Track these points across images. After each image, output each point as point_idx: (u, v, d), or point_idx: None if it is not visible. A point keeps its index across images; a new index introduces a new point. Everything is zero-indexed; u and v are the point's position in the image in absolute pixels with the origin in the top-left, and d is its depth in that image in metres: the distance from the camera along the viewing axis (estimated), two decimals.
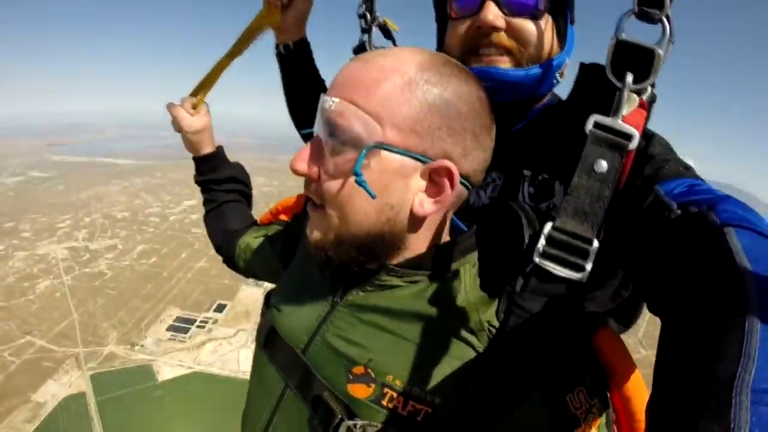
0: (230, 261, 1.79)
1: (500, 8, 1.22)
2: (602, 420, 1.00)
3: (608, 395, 1.03)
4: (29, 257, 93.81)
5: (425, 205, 0.96)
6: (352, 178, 0.91)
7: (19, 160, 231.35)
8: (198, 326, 69.30)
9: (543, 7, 1.24)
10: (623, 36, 1.01)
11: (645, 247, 0.96)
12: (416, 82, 0.91)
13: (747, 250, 0.69)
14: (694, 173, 1.08)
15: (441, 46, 1.41)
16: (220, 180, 1.84)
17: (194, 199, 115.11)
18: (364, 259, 1.02)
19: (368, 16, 1.76)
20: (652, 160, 1.11)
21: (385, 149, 0.90)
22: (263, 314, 1.28)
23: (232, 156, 1.94)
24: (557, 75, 1.33)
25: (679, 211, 0.89)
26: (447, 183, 0.95)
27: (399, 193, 0.94)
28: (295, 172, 0.97)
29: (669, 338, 0.71)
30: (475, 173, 1.01)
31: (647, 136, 1.16)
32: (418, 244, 1.03)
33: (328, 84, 1.79)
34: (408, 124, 0.90)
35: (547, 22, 1.27)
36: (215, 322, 70.15)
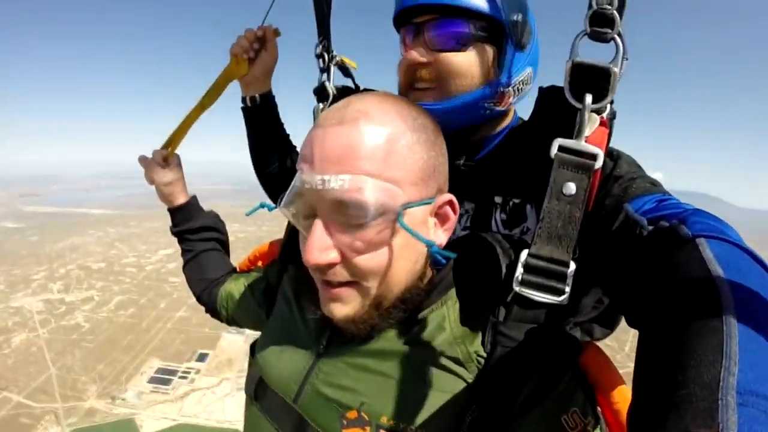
0: (213, 310, 1.76)
1: (426, 44, 1.27)
2: None
3: (599, 410, 1.03)
4: (3, 310, 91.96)
5: (440, 236, 0.99)
6: (396, 243, 0.92)
7: None
8: (180, 377, 68.54)
9: (467, 40, 1.26)
10: (578, 58, 1.02)
11: (620, 266, 0.96)
12: (410, 135, 0.92)
13: (719, 259, 0.70)
14: (662, 188, 1.09)
15: None
16: (194, 229, 1.84)
17: (170, 248, 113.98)
18: (407, 313, 1.02)
19: (326, 55, 1.80)
20: (620, 179, 1.11)
21: (410, 207, 0.90)
22: (250, 365, 1.29)
23: (208, 202, 1.96)
24: (487, 105, 1.32)
25: (650, 227, 0.90)
26: (449, 210, 0.99)
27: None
28: (319, 266, 0.91)
29: (647, 347, 0.70)
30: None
31: (614, 156, 1.18)
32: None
33: (293, 137, 2.03)
34: (418, 176, 0.92)
35: (475, 53, 1.27)
36: (198, 372, 69.46)
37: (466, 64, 1.27)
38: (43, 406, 62.14)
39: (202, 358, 73.45)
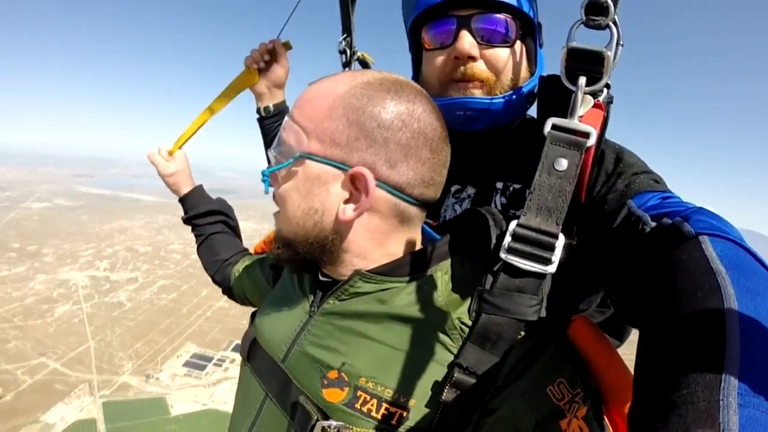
0: (227, 289, 1.87)
1: (474, 38, 1.28)
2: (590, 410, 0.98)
3: (592, 384, 1.02)
4: (50, 281, 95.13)
5: (347, 211, 0.98)
6: (294, 183, 0.99)
7: (46, 188, 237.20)
8: (215, 364, 69.22)
9: (514, 35, 1.31)
10: (573, 43, 1.05)
11: (622, 262, 0.98)
12: (342, 99, 0.96)
13: (722, 257, 0.71)
14: (665, 186, 1.12)
15: (417, 75, 1.48)
16: (201, 214, 1.97)
17: None
18: (306, 258, 1.05)
19: (348, 51, 1.97)
20: (623, 175, 1.14)
21: (308, 158, 0.96)
22: (248, 328, 1.33)
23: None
24: (530, 99, 1.39)
25: (653, 224, 0.92)
26: (362, 188, 0.98)
27: (321, 198, 0.98)
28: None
29: (649, 346, 0.70)
30: (410, 185, 1.00)
31: (617, 152, 1.22)
32: (372, 251, 1.04)
33: None
34: (328, 135, 0.95)
35: (518, 49, 1.34)
36: (233, 361, 69.68)
37: (515, 59, 1.33)
38: (78, 376, 63.77)
39: (238, 348, 72.42)
